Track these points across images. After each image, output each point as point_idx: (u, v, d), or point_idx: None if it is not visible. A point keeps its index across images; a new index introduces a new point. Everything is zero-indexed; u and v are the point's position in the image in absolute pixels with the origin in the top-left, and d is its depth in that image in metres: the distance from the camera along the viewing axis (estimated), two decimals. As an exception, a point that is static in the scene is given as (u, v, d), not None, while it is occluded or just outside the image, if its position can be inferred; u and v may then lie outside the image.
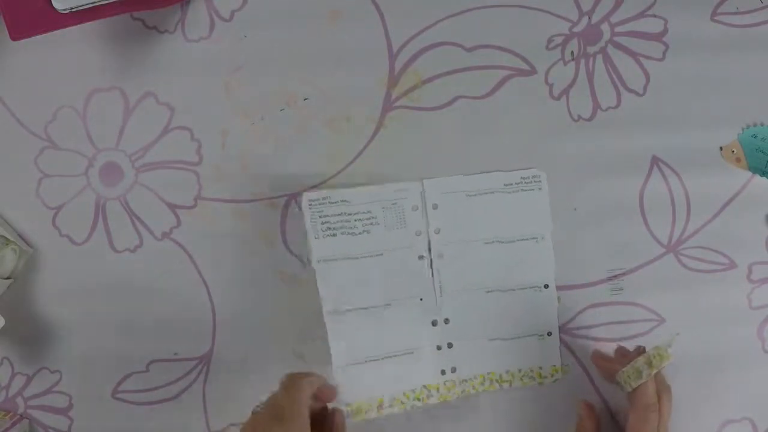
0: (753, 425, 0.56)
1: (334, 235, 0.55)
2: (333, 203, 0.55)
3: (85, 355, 0.58)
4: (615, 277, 0.56)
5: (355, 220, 0.55)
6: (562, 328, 0.56)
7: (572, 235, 0.56)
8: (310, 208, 0.55)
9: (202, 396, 0.58)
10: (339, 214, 0.55)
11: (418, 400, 0.56)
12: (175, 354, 0.58)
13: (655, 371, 0.50)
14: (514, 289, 0.56)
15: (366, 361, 0.55)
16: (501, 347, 0.56)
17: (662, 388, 0.51)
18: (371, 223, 0.55)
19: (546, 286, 0.56)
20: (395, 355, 0.56)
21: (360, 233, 0.55)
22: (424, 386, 0.56)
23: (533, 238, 0.56)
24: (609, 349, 0.56)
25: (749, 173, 0.55)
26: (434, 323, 0.56)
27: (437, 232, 0.55)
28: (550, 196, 0.56)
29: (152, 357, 0.58)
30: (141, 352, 0.58)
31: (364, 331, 0.55)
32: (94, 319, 0.58)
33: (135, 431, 0.58)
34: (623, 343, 0.56)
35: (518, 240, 0.56)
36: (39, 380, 0.59)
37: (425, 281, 0.56)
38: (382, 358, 0.56)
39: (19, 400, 0.59)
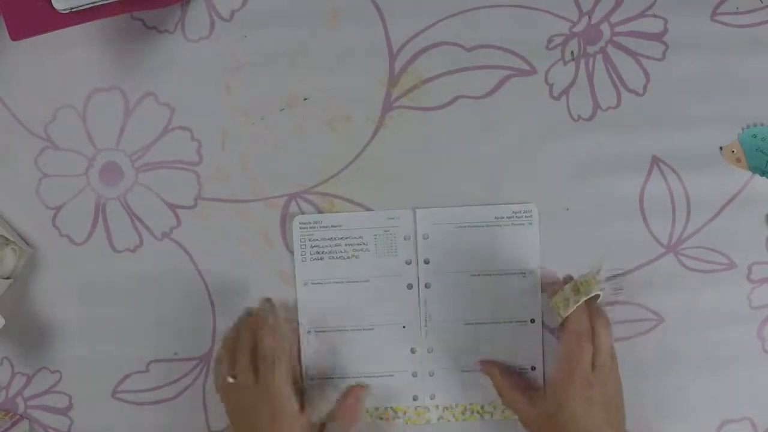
0: (753, 425, 0.56)
1: (321, 258, 0.56)
2: (324, 227, 0.55)
3: (85, 355, 0.58)
4: (615, 277, 0.56)
5: (346, 245, 0.56)
6: (562, 329, 0.56)
7: (572, 235, 0.56)
8: (300, 230, 0.55)
9: (202, 396, 0.58)
10: (330, 239, 0.56)
11: (381, 419, 0.57)
12: (175, 354, 0.58)
13: (583, 298, 0.49)
14: (499, 323, 0.56)
15: (338, 377, 0.56)
16: (484, 379, 0.56)
17: (597, 318, 0.50)
18: (361, 249, 0.56)
19: (532, 321, 0.56)
20: (369, 377, 0.56)
21: (349, 257, 0.56)
22: (391, 408, 0.57)
23: (521, 273, 0.56)
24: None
25: (749, 173, 0.55)
26: (413, 351, 0.56)
27: (426, 262, 0.56)
28: (549, 197, 0.56)
29: (152, 357, 0.58)
30: (141, 352, 0.58)
31: (339, 352, 0.56)
32: (94, 319, 0.58)
33: (135, 431, 0.58)
34: (622, 344, 0.56)
35: (505, 274, 0.56)
36: (39, 380, 0.59)
37: (412, 310, 0.56)
38: (355, 377, 0.56)
39: (19, 400, 0.59)
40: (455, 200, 0.56)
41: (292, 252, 0.57)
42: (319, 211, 0.57)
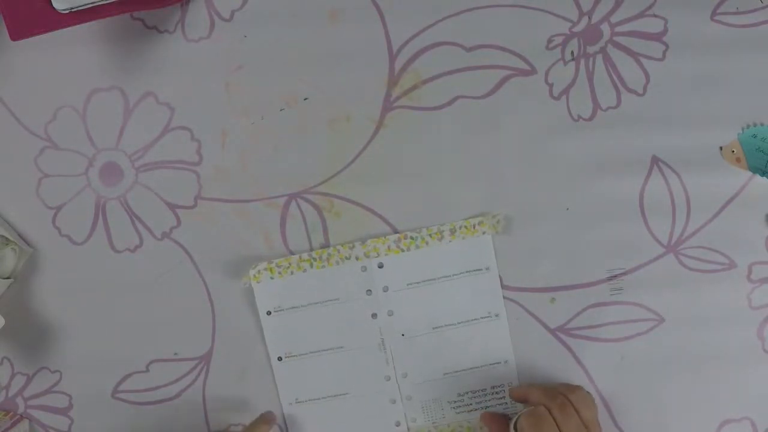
0: (753, 425, 0.56)
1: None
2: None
3: (85, 355, 0.58)
4: (615, 277, 0.56)
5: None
6: (562, 328, 0.56)
7: (572, 235, 0.56)
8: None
9: (202, 396, 0.58)
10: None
11: None
12: (175, 354, 0.58)
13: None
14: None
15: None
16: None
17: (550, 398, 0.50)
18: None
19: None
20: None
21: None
22: None
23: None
24: (606, 350, 0.56)
25: (749, 173, 0.55)
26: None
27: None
28: (549, 197, 0.56)
29: (152, 357, 0.58)
30: (141, 352, 0.58)
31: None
32: (94, 319, 0.58)
33: (135, 431, 0.58)
34: (622, 344, 0.56)
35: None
36: (39, 380, 0.59)
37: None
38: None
39: (19, 400, 0.59)
40: (455, 200, 0.56)
41: (292, 252, 0.57)
42: (320, 211, 0.57)
